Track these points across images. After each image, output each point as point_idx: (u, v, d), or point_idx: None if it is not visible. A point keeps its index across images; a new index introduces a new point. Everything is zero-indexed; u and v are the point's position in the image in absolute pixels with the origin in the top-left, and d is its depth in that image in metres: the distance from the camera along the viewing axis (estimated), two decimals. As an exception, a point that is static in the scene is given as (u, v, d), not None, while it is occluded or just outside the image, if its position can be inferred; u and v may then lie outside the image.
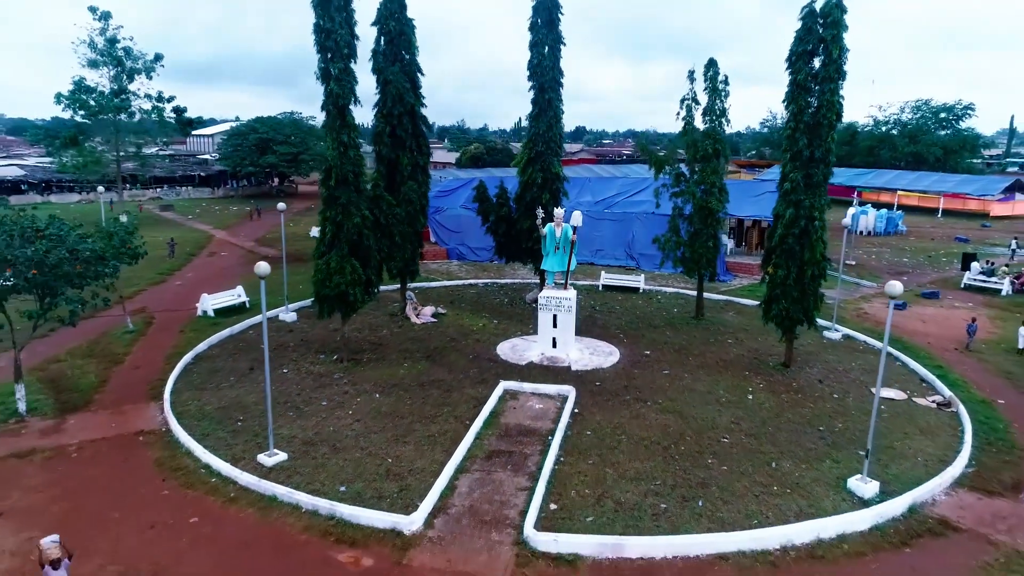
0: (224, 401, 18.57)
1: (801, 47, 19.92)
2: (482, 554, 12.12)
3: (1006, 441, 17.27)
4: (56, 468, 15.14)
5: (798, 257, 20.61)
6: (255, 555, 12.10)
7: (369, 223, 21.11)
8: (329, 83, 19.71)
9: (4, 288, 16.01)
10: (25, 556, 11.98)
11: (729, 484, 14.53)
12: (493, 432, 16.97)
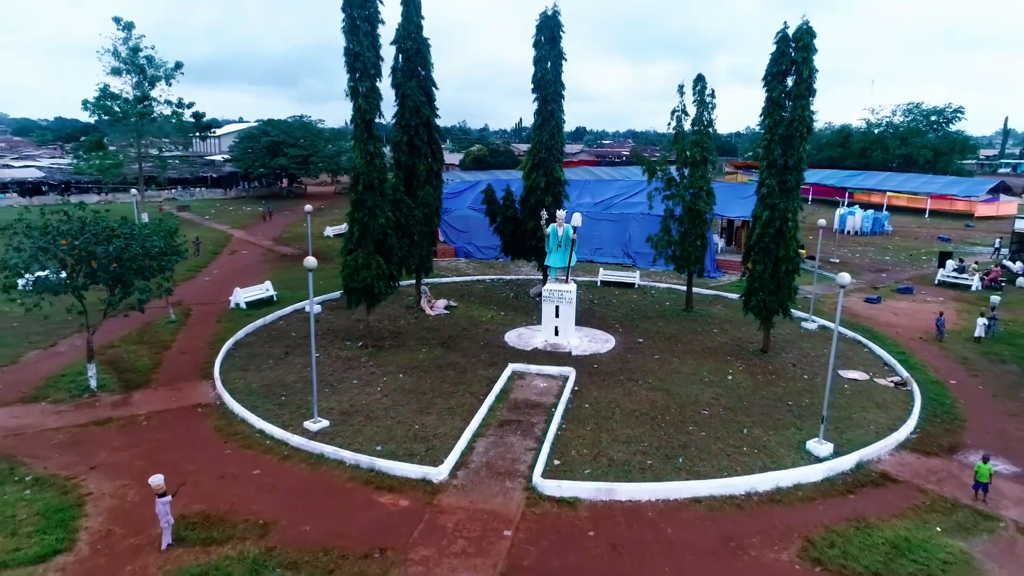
0: (266, 380, 21.13)
1: (775, 68, 22.48)
2: (498, 497, 14.68)
3: (950, 414, 19.83)
4: (131, 433, 17.71)
5: (774, 254, 23.13)
6: (311, 498, 14.65)
7: (392, 224, 23.71)
8: (357, 100, 22.29)
9: (84, 279, 18.55)
10: (121, 497, 14.55)
11: (706, 446, 17.08)
12: (504, 405, 19.53)
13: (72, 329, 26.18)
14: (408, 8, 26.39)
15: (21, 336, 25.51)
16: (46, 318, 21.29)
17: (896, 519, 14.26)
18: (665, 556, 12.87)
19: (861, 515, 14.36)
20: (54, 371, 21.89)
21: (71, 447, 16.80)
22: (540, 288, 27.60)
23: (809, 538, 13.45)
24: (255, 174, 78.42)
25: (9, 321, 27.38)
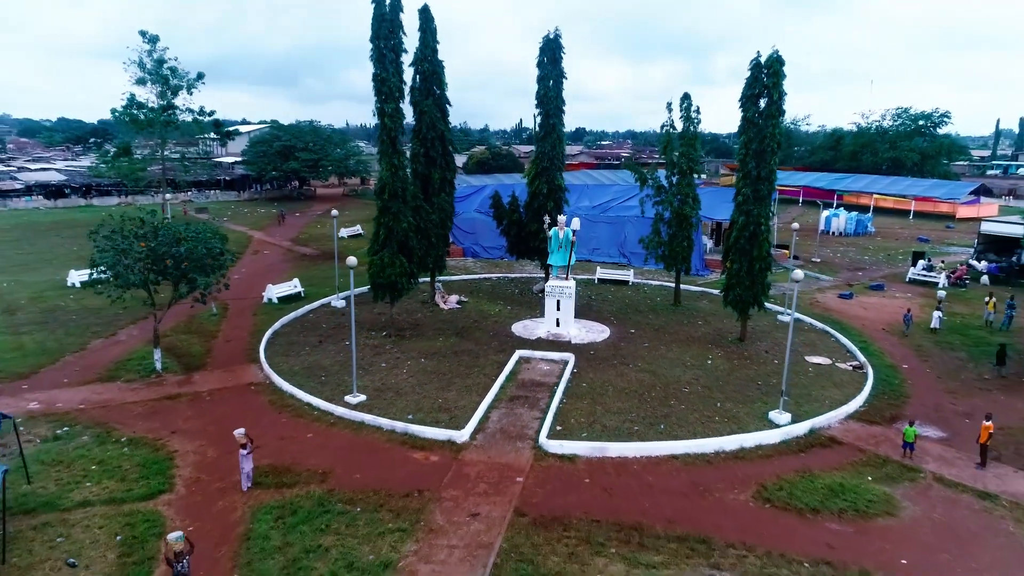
0: (306, 364, 24.32)
1: (750, 91, 25.68)
2: (511, 454, 17.88)
3: (897, 392, 23.04)
4: (198, 406, 20.91)
5: (749, 254, 26.32)
6: (357, 454, 17.84)
7: (413, 228, 26.92)
8: (384, 119, 25.51)
9: (156, 276, 21.74)
10: (202, 454, 17.74)
11: (684, 416, 20.28)
12: (513, 384, 22.73)
13: (126, 320, 29.44)
14: (425, 34, 29.52)
15: (82, 327, 28.69)
16: (121, 307, 24.46)
17: (836, 471, 17.47)
18: (645, 496, 16.06)
19: (808, 468, 17.57)
20: (120, 356, 25.08)
21: (151, 416, 20.00)
22: (543, 285, 30.79)
23: (762, 484, 16.66)
24: (267, 177, 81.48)
25: (68, 314, 30.63)
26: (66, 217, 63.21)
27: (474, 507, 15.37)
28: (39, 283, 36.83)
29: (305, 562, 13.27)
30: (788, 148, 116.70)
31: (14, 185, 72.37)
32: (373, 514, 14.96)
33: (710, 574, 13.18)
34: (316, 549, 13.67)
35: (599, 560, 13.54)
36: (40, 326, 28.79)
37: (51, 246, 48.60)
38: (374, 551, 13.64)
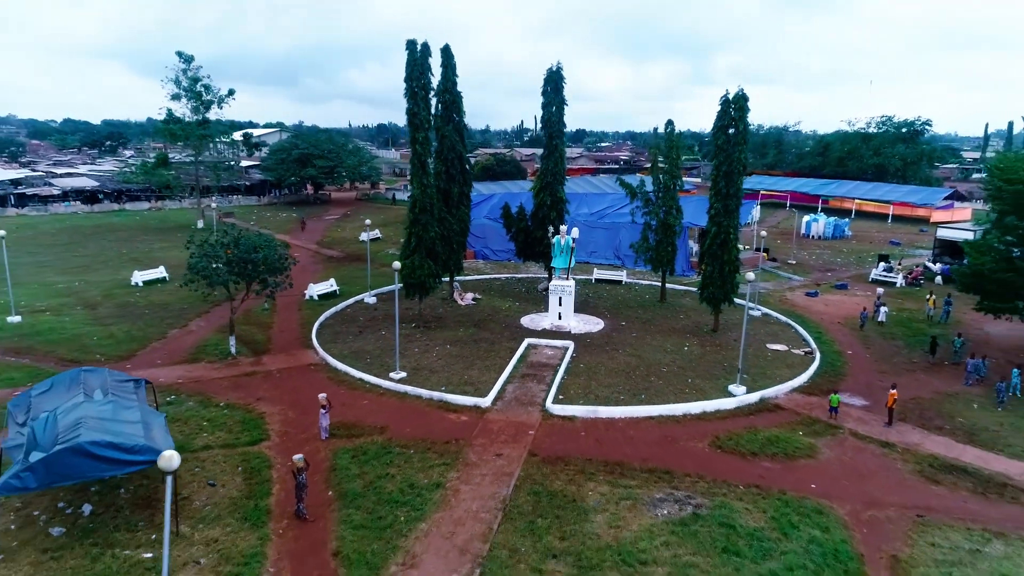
0: (351, 349, 29.43)
1: (720, 123, 30.83)
2: (524, 415, 23.01)
3: (838, 372, 28.16)
4: (272, 381, 26.04)
5: (720, 258, 31.43)
6: (404, 415, 22.95)
7: (438, 236, 32.05)
8: (415, 146, 30.66)
9: (236, 276, 26.86)
10: (285, 415, 22.85)
11: (661, 389, 25.40)
12: (523, 365, 27.84)
13: (193, 314, 34.63)
14: (447, 70, 34.56)
15: (158, 319, 33.83)
16: (210, 301, 29.54)
17: (775, 428, 22.59)
18: (627, 445, 21.18)
19: (753, 426, 22.70)
20: (197, 343, 30.23)
21: (237, 388, 25.14)
22: (547, 284, 35.91)
23: (717, 436, 21.79)
24: (286, 183, 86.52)
25: (141, 309, 35.80)
26: (104, 221, 68.30)
27: (498, 450, 20.51)
28: (105, 282, 41.92)
29: (378, 483, 18.42)
30: (779, 154, 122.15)
31: (52, 191, 77.43)
32: (423, 454, 20.10)
33: (670, 492, 18.31)
34: (385, 476, 18.81)
35: (590, 484, 18.67)
36: (121, 318, 33.92)
37: (101, 249, 53.65)
38: (427, 477, 18.78)
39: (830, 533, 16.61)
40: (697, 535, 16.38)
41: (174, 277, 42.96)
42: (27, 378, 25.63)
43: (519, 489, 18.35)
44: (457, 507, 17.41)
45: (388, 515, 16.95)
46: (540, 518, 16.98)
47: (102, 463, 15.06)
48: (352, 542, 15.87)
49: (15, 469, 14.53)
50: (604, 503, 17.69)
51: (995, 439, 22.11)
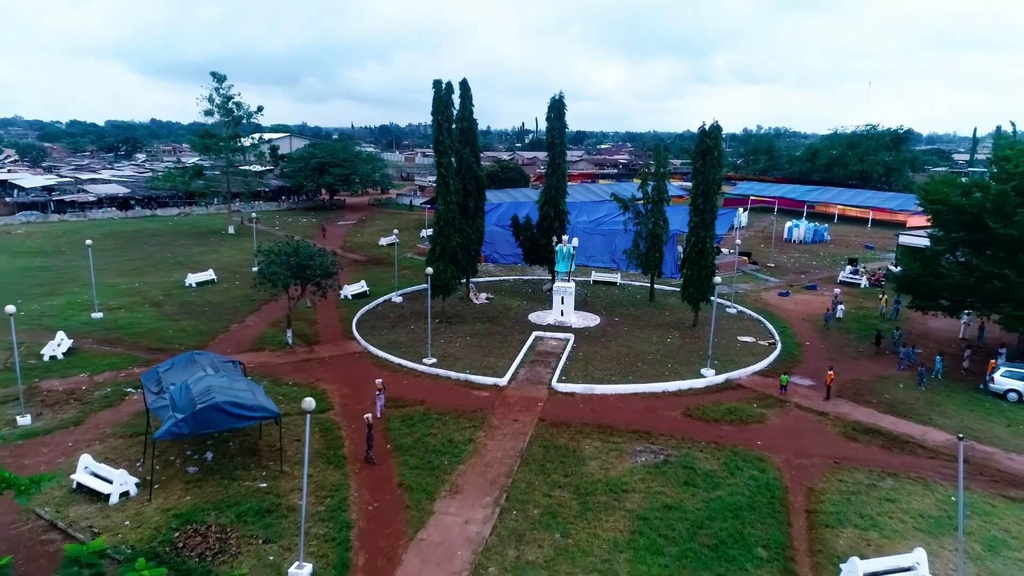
0: (387, 340, 35.01)
1: (698, 149, 36.47)
2: (534, 391, 28.62)
3: (794, 359, 33.75)
4: (327, 366, 31.64)
5: (698, 264, 37.00)
6: (438, 391, 28.52)
7: (459, 244, 37.66)
8: (440, 169, 36.28)
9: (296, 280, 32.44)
10: (342, 392, 28.45)
11: (646, 372, 31.00)
12: (532, 353, 33.44)
13: (246, 311, 40.25)
14: (464, 100, 40.06)
15: (217, 315, 39.42)
16: (274, 298, 35.15)
17: (735, 401, 28.19)
18: (616, 414, 26.77)
19: (718, 400, 28.31)
20: (256, 335, 35.83)
21: (298, 371, 30.75)
22: (551, 285, 41.48)
23: (688, 407, 27.40)
24: (305, 190, 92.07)
25: (200, 307, 41.39)
26: (141, 227, 73.86)
27: (514, 417, 26.13)
28: (161, 283, 47.53)
29: (424, 439, 24.04)
30: (770, 160, 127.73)
31: (88, 198, 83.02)
32: (456, 419, 25.73)
33: (648, 446, 23.92)
34: (428, 434, 24.43)
35: (586, 440, 24.27)
36: (186, 315, 39.54)
37: (146, 253, 59.21)
38: (461, 435, 24.40)
39: (766, 473, 22.23)
40: (666, 474, 22.00)
41: (221, 279, 48.71)
42: (125, 363, 31.31)
43: (532, 443, 23.96)
44: (486, 455, 23.05)
45: (435, 460, 22.59)
46: (548, 463, 22.60)
47: (231, 417, 20.69)
48: (410, 477, 21.51)
49: (171, 421, 20.12)
50: (597, 453, 23.32)
51: (910, 410, 27.71)
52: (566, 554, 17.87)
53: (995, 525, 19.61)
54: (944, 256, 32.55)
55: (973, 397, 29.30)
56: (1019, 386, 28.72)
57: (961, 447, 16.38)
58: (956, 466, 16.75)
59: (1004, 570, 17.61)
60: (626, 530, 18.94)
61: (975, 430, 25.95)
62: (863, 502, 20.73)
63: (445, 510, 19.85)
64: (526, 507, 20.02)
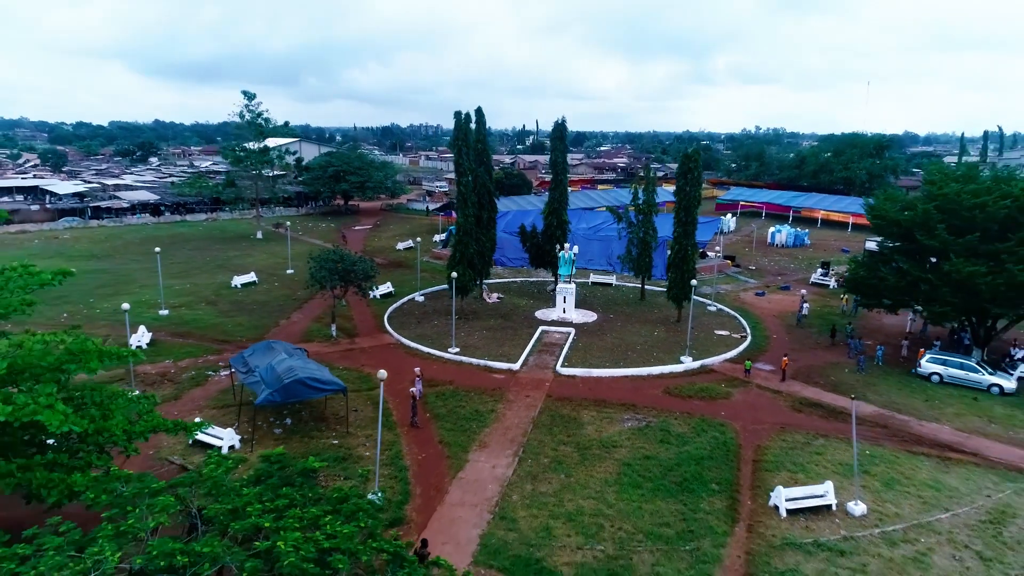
0: (415, 334, 41.15)
1: (681, 171, 42.65)
2: (541, 375, 34.81)
3: (761, 349, 39.89)
4: (368, 355, 37.78)
5: (680, 268, 43.15)
6: (463, 374, 34.68)
7: (476, 251, 43.83)
8: (460, 187, 42.44)
9: (342, 281, 38.55)
10: (392, 375, 34.60)
11: (635, 359, 37.17)
12: (539, 344, 39.61)
13: (290, 310, 46.41)
14: (479, 126, 46.05)
15: (266, 312, 45.57)
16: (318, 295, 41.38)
17: (707, 382, 34.35)
18: (609, 391, 32.94)
19: (693, 381, 34.49)
20: (303, 329, 41.98)
21: (345, 359, 36.88)
22: (554, 286, 47.61)
23: (668, 386, 33.58)
24: (323, 196, 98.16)
25: (250, 305, 47.53)
26: (174, 232, 79.96)
27: (526, 394, 32.29)
28: (209, 284, 53.68)
29: (456, 410, 30.22)
30: (761, 166, 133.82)
31: (121, 204, 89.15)
32: (480, 395, 31.89)
33: (633, 415, 30.08)
34: (459, 406, 30.60)
35: (584, 411, 30.43)
36: (239, 312, 45.68)
37: (186, 256, 65.30)
38: (484, 407, 30.56)
39: (725, 434, 28.40)
40: (646, 435, 28.18)
41: (261, 280, 54.87)
42: (200, 351, 37.48)
43: (541, 413, 30.14)
44: (505, 421, 29.23)
45: (465, 424, 28.79)
46: (555, 427, 28.78)
47: (311, 389, 26.87)
48: (448, 436, 27.70)
49: (267, 392, 26.25)
50: (593, 420, 29.49)
51: (849, 390, 33.78)
52: (569, 488, 24.06)
53: (895, 470, 25.78)
54: (884, 262, 38.63)
55: (904, 379, 35.49)
56: (940, 370, 34.89)
57: (855, 406, 22.59)
58: (880, 431, 22.87)
59: (892, 498, 23.77)
60: (614, 472, 25.12)
61: (898, 404, 32.15)
62: (797, 454, 26.90)
63: (476, 459, 26.05)
64: (538, 457, 26.21)
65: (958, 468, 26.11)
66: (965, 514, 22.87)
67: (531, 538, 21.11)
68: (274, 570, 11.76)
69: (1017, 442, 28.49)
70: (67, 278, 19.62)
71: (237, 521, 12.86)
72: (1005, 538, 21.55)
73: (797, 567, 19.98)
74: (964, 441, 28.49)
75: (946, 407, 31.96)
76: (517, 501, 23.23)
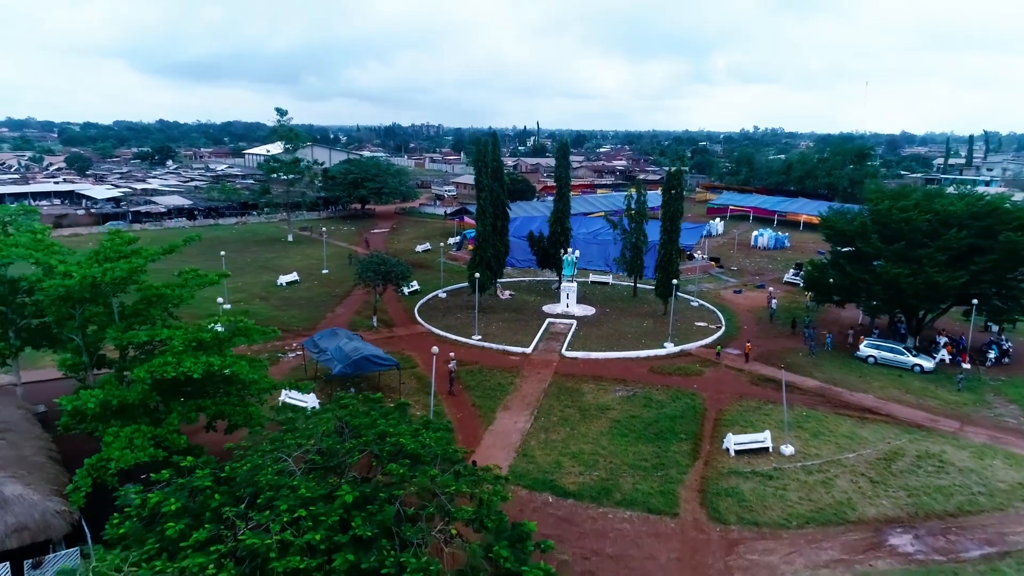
0: (442, 324, 48.95)
1: (666, 187, 50.50)
2: (550, 357, 42.68)
3: (732, 337, 47.77)
4: (404, 340, 45.58)
5: (666, 269, 51.00)
6: (484, 356, 42.51)
7: (493, 255, 51.67)
8: (480, 201, 50.29)
9: (382, 280, 46.34)
10: (421, 357, 42.46)
11: (626, 345, 45.02)
12: (547, 333, 47.47)
13: (333, 304, 54.26)
14: (494, 148, 53.94)
15: (312, 307, 53.40)
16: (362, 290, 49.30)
17: (685, 362, 42.22)
18: (604, 370, 40.79)
19: (673, 362, 42.37)
20: (347, 320, 49.78)
21: (387, 344, 44.62)
22: (559, 285, 55.43)
23: (652, 366, 41.47)
24: (343, 201, 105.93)
25: (297, 301, 55.39)
26: (211, 235, 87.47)
27: (538, 371, 40.16)
28: (257, 283, 61.49)
29: (483, 382, 38.11)
30: (751, 172, 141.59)
31: (158, 209, 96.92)
32: (501, 372, 39.77)
33: (623, 387, 37.94)
34: (484, 380, 38.48)
35: (584, 384, 38.29)
36: (290, 306, 53.49)
37: (229, 258, 72.65)
38: (504, 380, 38.44)
39: (695, 401, 36.25)
40: (632, 401, 36.04)
41: (302, 279, 62.68)
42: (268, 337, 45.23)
43: (550, 386, 38.00)
44: (522, 391, 37.10)
45: (491, 393, 36.67)
46: (561, 395, 36.64)
47: (373, 364, 34.74)
48: (478, 401, 35.59)
49: (340, 366, 34.06)
50: (591, 391, 37.34)
51: (800, 368, 41.63)
52: (573, 437, 31.92)
53: (822, 426, 33.62)
54: (832, 265, 46.46)
55: (846, 361, 43.34)
56: (875, 353, 42.73)
57: (783, 373, 30.37)
58: (818, 400, 30.58)
59: (815, 444, 31.61)
60: (607, 427, 32.98)
61: (837, 379, 40.02)
62: (749, 415, 34.76)
63: (502, 417, 33.93)
64: (549, 416, 34.09)
65: (872, 425, 33.99)
66: (867, 454, 30.73)
67: (546, 468, 29.00)
68: (400, 453, 19.49)
69: (923, 407, 36.38)
70: (216, 279, 27.46)
71: (371, 430, 20.61)
72: (892, 470, 29.41)
73: (737, 487, 27.84)
74: (882, 406, 36.37)
75: (874, 382, 39.81)
76: (534, 445, 31.10)
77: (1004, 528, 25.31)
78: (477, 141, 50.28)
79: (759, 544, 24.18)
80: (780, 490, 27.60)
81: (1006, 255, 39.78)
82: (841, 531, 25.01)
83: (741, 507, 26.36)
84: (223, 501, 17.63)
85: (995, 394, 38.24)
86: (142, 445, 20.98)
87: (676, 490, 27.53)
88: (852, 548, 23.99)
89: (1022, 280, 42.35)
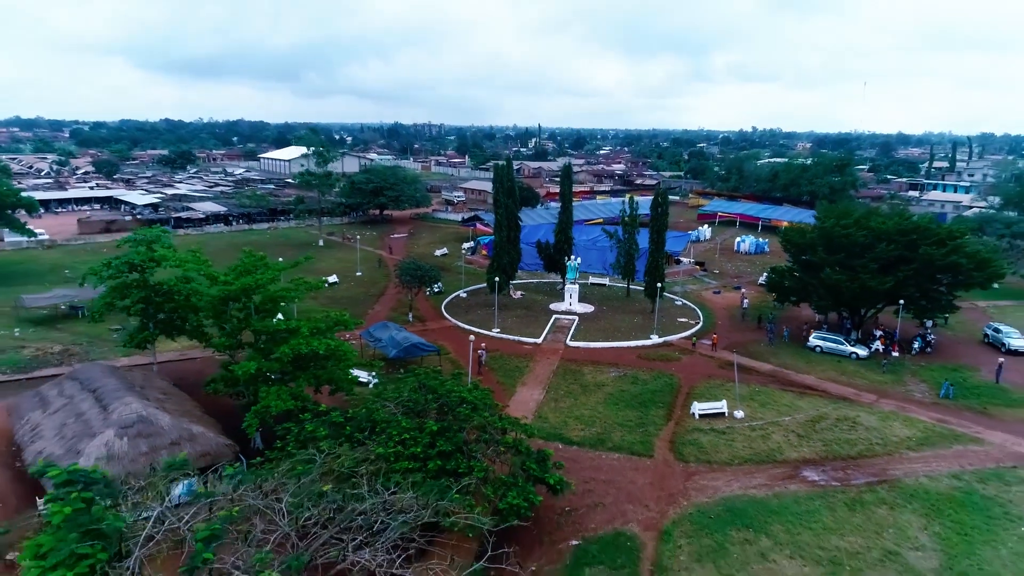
0: (466, 319, 58.62)
1: (654, 203, 60.19)
2: (557, 346, 52.43)
3: (707, 331, 57.49)
4: (436, 332, 55.33)
5: (653, 274, 60.69)
6: (504, 345, 52.20)
7: (508, 260, 61.41)
8: (498, 216, 59.99)
9: (418, 282, 56.02)
10: (455, 347, 52.15)
11: (620, 337, 54.73)
12: (554, 327, 57.19)
13: (371, 302, 64.01)
14: (508, 170, 63.58)
15: (355, 304, 63.03)
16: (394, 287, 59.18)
17: (666, 351, 51.97)
18: (602, 356, 50.52)
19: (657, 350, 52.13)
20: (386, 315, 59.40)
21: (423, 335, 54.23)
22: (563, 286, 65.15)
23: (640, 354, 51.22)
24: (363, 208, 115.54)
25: (342, 298, 65.06)
26: (248, 239, 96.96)
27: (547, 357, 49.92)
28: (302, 284, 71.02)
29: (504, 365, 47.88)
30: (740, 179, 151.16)
31: (198, 215, 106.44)
32: (518, 358, 49.53)
33: (616, 369, 47.68)
34: (505, 363, 48.24)
35: (585, 367, 48.04)
36: (336, 304, 62.92)
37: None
38: (520, 364, 48.21)
39: (672, 380, 46.00)
40: (623, 380, 45.79)
41: (340, 281, 72.36)
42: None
43: (558, 368, 47.75)
44: (536, 372, 46.85)
45: (512, 372, 46.44)
46: (567, 375, 46.39)
47: (420, 350, 44.53)
48: (502, 379, 45.35)
49: (395, 351, 43.78)
50: (591, 372, 47.07)
51: (759, 356, 51.35)
52: (576, 404, 41.68)
53: (770, 398, 43.37)
54: (788, 271, 56.17)
55: (798, 350, 53.05)
56: (821, 343, 52.46)
57: (736, 357, 40.16)
58: (770, 380, 40.33)
59: (761, 411, 41.35)
60: (602, 399, 42.72)
61: (788, 364, 49.77)
62: (714, 391, 44.47)
63: (521, 391, 43.70)
64: (557, 390, 43.86)
65: (808, 398, 43.75)
66: (800, 418, 40.50)
67: (556, 425, 38.77)
68: (463, 402, 29.25)
69: (852, 385, 46.13)
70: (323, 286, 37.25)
71: (443, 387, 30.37)
72: (816, 428, 39.15)
73: (698, 439, 37.60)
74: (820, 384, 46.12)
75: (818, 366, 49.57)
76: (547, 410, 40.87)
77: (888, 466, 35.08)
78: (496, 167, 59.80)
79: (709, 475, 33.97)
80: (729, 441, 37.38)
81: (924, 265, 49.49)
82: (769, 467, 34.79)
83: (699, 451, 36.17)
84: (352, 430, 27.45)
85: (911, 375, 48.04)
86: (285, 399, 30.72)
87: (652, 440, 37.30)
88: (775, 477, 33.76)
89: (941, 285, 52.10)
